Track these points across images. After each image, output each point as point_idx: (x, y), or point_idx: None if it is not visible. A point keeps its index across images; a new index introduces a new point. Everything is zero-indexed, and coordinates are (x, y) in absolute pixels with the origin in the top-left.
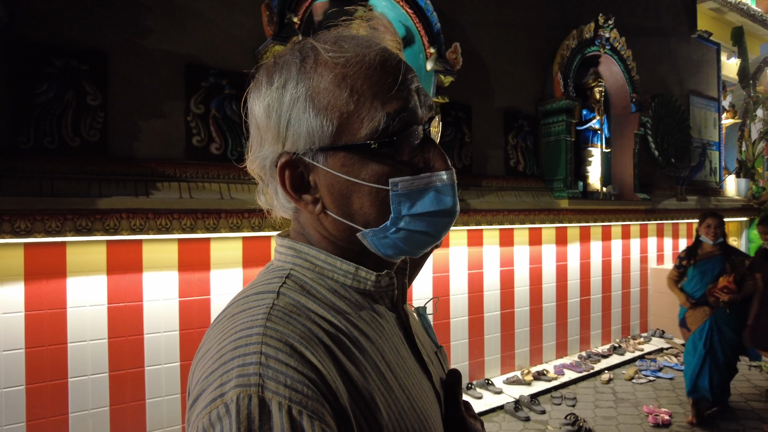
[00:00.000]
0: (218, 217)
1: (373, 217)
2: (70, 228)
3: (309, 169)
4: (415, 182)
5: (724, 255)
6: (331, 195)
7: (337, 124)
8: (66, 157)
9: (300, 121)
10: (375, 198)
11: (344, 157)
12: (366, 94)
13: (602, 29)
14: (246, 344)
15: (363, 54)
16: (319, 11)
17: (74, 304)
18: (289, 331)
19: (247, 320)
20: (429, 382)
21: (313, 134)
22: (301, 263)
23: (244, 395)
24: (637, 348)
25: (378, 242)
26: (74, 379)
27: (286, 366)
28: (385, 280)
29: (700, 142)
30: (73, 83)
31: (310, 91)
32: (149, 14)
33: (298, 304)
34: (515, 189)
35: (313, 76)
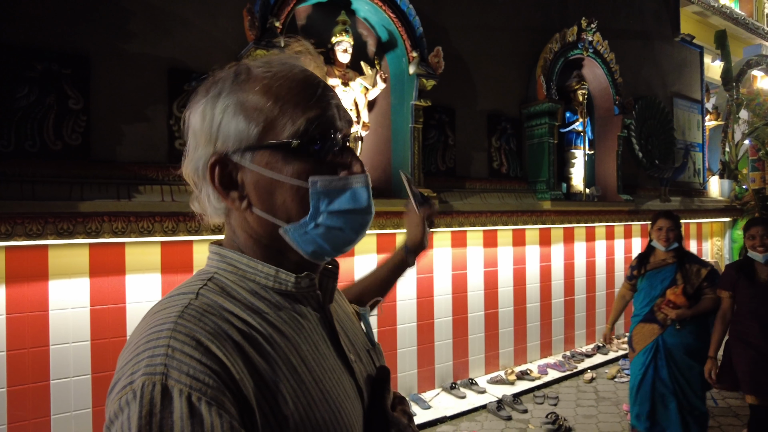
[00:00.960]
0: (200, 220)
1: (294, 212)
2: (52, 231)
3: (237, 168)
4: (333, 182)
5: (678, 263)
6: (256, 192)
7: (262, 126)
8: (47, 161)
9: (229, 124)
10: (296, 194)
11: (269, 155)
12: (289, 102)
13: (585, 32)
14: (157, 338)
15: (288, 70)
16: (302, 15)
17: (56, 307)
18: (198, 328)
19: (162, 317)
20: (351, 378)
21: (240, 135)
22: (225, 267)
23: (149, 382)
24: (621, 347)
25: (299, 238)
26: (56, 381)
27: (189, 357)
28: (305, 282)
29: (684, 143)
30: (55, 87)
31: (240, 99)
32: (132, 18)
33: (214, 304)
34: (498, 191)
35: (243, 87)
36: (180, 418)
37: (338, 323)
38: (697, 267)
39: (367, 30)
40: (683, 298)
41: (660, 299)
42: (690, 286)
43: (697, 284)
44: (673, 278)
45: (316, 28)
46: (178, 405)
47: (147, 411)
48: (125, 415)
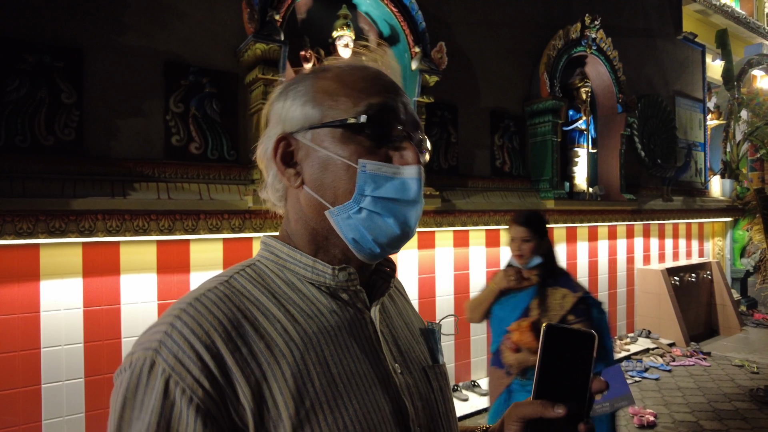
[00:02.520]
0: (197, 218)
1: (340, 194)
2: (43, 230)
3: (298, 147)
4: (382, 168)
5: (539, 286)
6: (310, 169)
7: (327, 108)
8: (39, 157)
9: (298, 107)
10: (344, 175)
11: (327, 134)
12: (355, 88)
13: (589, 30)
14: (167, 316)
15: (363, 67)
16: (303, 9)
17: (48, 308)
18: (208, 313)
19: (186, 297)
20: (388, 389)
21: (305, 117)
22: (267, 255)
23: (142, 357)
24: (624, 348)
25: (342, 222)
26: (48, 385)
27: (184, 340)
28: (342, 274)
29: (686, 142)
30: (47, 80)
31: (313, 87)
32: (127, 10)
33: (240, 291)
34: (501, 189)
35: (318, 76)
36: (154, 398)
37: (388, 328)
38: (562, 293)
39: (368, 25)
40: (530, 337)
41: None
42: (548, 319)
43: (558, 317)
44: (527, 307)
45: (317, 22)
46: (156, 384)
47: (134, 384)
48: (118, 383)
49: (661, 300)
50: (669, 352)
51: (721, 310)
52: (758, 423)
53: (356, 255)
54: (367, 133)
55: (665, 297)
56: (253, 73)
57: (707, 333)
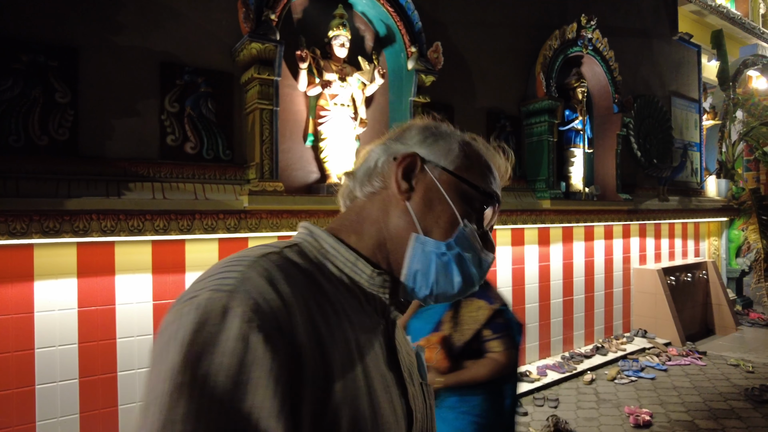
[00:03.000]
0: (192, 218)
1: (435, 231)
2: (37, 230)
3: (422, 172)
4: (476, 242)
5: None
6: (422, 196)
7: (464, 166)
8: (33, 156)
9: (444, 147)
10: (448, 221)
11: (454, 183)
12: (487, 172)
13: (585, 30)
14: (234, 266)
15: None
16: (298, 9)
17: (42, 309)
18: (277, 270)
19: (242, 255)
20: (403, 396)
21: (444, 156)
22: (311, 241)
23: (212, 297)
24: (620, 348)
25: (420, 251)
26: (42, 386)
27: (261, 287)
28: (379, 280)
29: (682, 143)
30: (41, 80)
31: (462, 143)
32: (122, 10)
33: (296, 263)
34: None
35: (467, 141)
36: (228, 339)
37: (399, 340)
38: (477, 304)
39: (364, 24)
40: (440, 355)
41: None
42: (460, 334)
43: (472, 332)
44: (440, 320)
45: (313, 22)
46: (233, 325)
47: (202, 321)
48: (181, 321)
49: (657, 300)
50: (665, 352)
51: (716, 309)
52: (753, 422)
53: (402, 282)
54: (480, 207)
55: (661, 297)
56: (249, 73)
57: (703, 332)
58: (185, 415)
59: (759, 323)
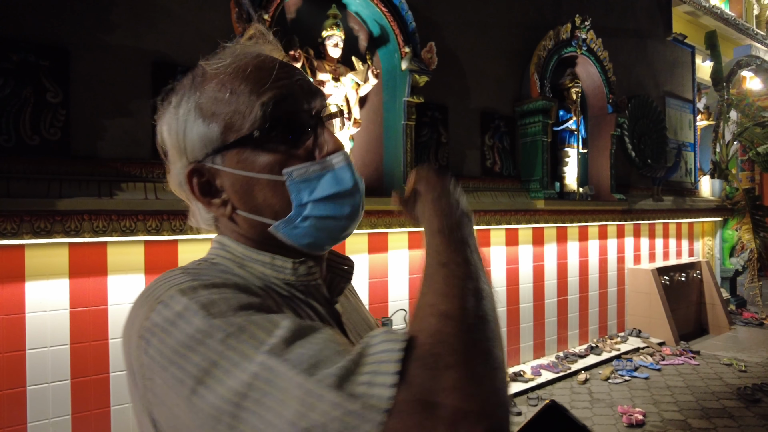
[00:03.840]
0: (185, 219)
1: (278, 207)
2: (28, 230)
3: (213, 174)
4: (309, 168)
5: None
6: (236, 194)
7: (223, 125)
8: (23, 156)
9: (192, 130)
10: (275, 189)
11: (237, 154)
12: (243, 92)
13: (579, 30)
14: (169, 275)
15: (240, 59)
16: (292, 9)
17: (33, 309)
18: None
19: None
20: None
21: (205, 139)
22: (224, 254)
23: (180, 285)
24: (614, 348)
25: (291, 233)
26: (33, 387)
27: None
28: (302, 269)
29: (676, 143)
30: (32, 79)
31: (198, 102)
32: (114, 9)
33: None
34: (492, 189)
35: (199, 88)
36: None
37: (349, 322)
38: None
39: (358, 24)
40: None
41: None
42: None
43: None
44: None
45: (306, 22)
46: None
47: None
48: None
49: (651, 299)
50: (659, 351)
51: (710, 309)
52: (745, 421)
53: (309, 252)
54: (276, 139)
55: (655, 296)
56: None
57: (697, 332)
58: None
59: (752, 323)
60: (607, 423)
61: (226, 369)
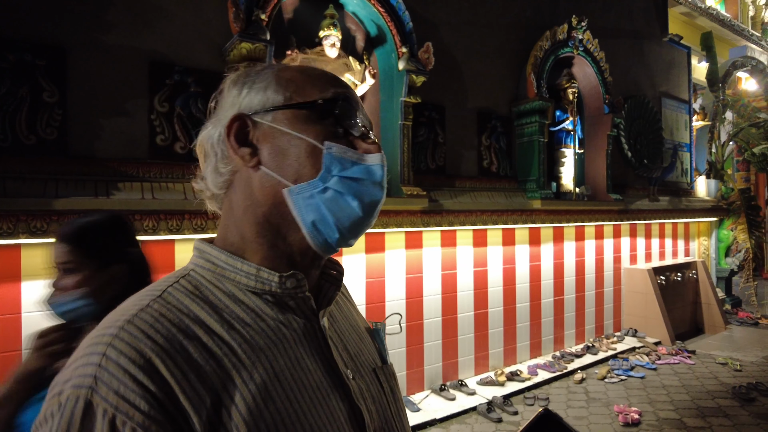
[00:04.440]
0: (182, 218)
1: (304, 172)
2: (24, 230)
3: (255, 127)
4: (348, 152)
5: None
6: (270, 149)
7: (291, 92)
8: (20, 156)
9: (259, 90)
10: (309, 154)
11: (290, 115)
12: (321, 80)
13: (575, 31)
14: (97, 343)
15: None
16: (289, 9)
17: (30, 309)
18: (145, 337)
19: (114, 318)
20: (343, 397)
21: (266, 100)
22: (203, 263)
23: (73, 396)
24: (611, 347)
25: (302, 202)
26: None
27: (123, 372)
28: (290, 282)
29: (672, 143)
30: (28, 79)
31: (276, 75)
32: (111, 8)
33: (177, 308)
34: (488, 189)
35: (281, 68)
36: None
37: (336, 334)
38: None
39: (355, 24)
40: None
41: None
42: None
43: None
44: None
45: (303, 22)
46: (100, 427)
47: (65, 429)
48: (47, 427)
49: (647, 299)
50: (655, 351)
51: (706, 308)
52: (740, 420)
53: (311, 244)
54: (333, 117)
55: (651, 296)
56: None
57: (693, 331)
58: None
59: (747, 322)
60: (604, 422)
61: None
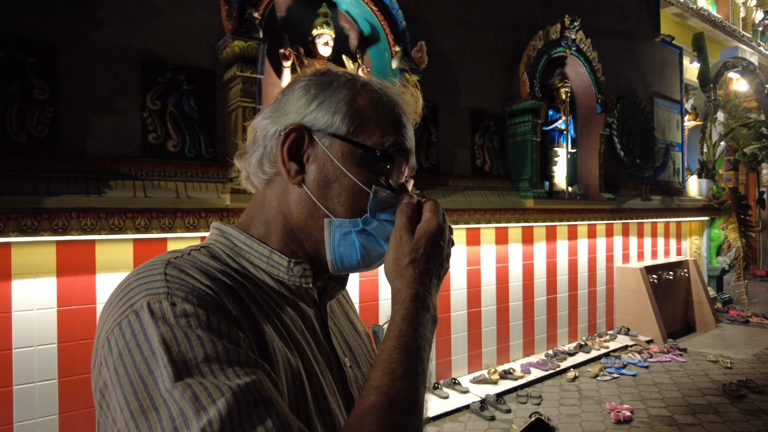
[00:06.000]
0: (174, 217)
1: (342, 209)
2: (14, 228)
3: (311, 145)
4: (391, 198)
5: None
6: (317, 174)
7: (356, 125)
8: (10, 154)
9: (329, 110)
10: (353, 195)
11: (348, 150)
12: (388, 121)
13: (568, 30)
14: (150, 271)
15: (397, 100)
16: (282, 7)
17: (20, 308)
18: (190, 267)
19: (155, 262)
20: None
21: (332, 123)
22: (222, 241)
23: (154, 300)
24: (603, 346)
25: (338, 235)
26: (20, 387)
27: (191, 282)
28: (297, 269)
29: (664, 143)
30: (19, 76)
31: (350, 96)
32: (102, 6)
33: (205, 261)
34: (481, 188)
35: (358, 90)
36: (199, 326)
37: (336, 326)
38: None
39: (349, 23)
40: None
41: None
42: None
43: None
44: None
45: (297, 20)
46: (194, 313)
47: (162, 321)
48: (134, 328)
49: (639, 298)
50: (647, 349)
51: (697, 307)
52: (730, 416)
53: (330, 268)
54: (387, 167)
55: (644, 295)
56: (232, 71)
57: (684, 329)
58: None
59: (738, 320)
60: (596, 419)
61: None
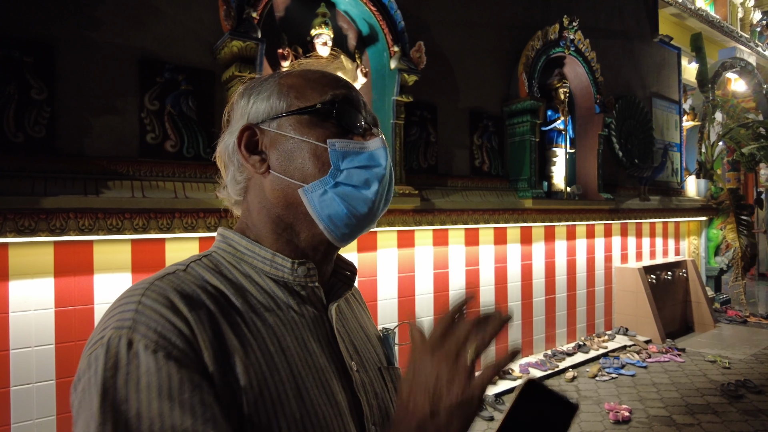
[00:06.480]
0: (172, 217)
1: (310, 172)
2: (11, 228)
3: (263, 136)
4: (350, 144)
5: None
6: (277, 154)
7: (293, 99)
8: (7, 154)
9: (264, 99)
10: (314, 155)
11: (293, 121)
12: (321, 83)
13: (567, 31)
14: (130, 296)
15: (323, 70)
16: (281, 7)
17: (17, 309)
18: (173, 289)
19: (142, 282)
20: (346, 386)
21: (271, 109)
22: (225, 247)
23: (115, 336)
24: (602, 346)
25: (317, 199)
26: (17, 388)
27: (159, 315)
28: (302, 269)
29: (662, 143)
30: (16, 75)
31: (278, 83)
32: (100, 5)
33: (202, 277)
34: (480, 189)
35: (282, 76)
36: (146, 373)
37: (344, 328)
38: None
39: (347, 23)
40: None
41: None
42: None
43: None
44: None
45: (295, 20)
46: (144, 359)
47: (112, 364)
48: (93, 369)
49: (638, 298)
50: (645, 349)
51: (696, 307)
52: (728, 416)
53: (329, 237)
54: (333, 119)
55: (642, 295)
56: (230, 71)
57: (682, 330)
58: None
59: (736, 320)
60: (594, 420)
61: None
